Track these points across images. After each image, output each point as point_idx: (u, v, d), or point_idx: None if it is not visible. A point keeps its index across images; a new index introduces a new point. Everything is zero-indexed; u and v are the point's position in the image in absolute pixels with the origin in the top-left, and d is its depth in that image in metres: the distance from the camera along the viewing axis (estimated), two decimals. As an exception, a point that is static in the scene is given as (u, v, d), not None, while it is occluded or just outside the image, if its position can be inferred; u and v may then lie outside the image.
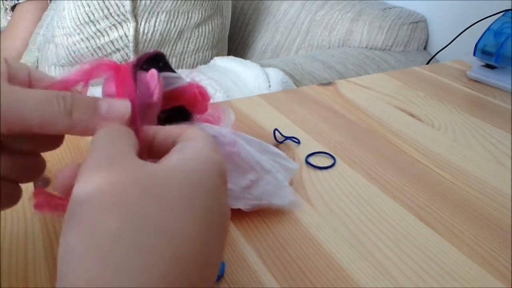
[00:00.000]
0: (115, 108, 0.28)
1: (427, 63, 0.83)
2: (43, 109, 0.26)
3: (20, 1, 1.26)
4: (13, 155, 0.28)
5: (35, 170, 0.30)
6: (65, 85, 0.28)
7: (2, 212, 0.36)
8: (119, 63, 0.30)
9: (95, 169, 0.23)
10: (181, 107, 0.33)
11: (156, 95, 0.29)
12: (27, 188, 0.39)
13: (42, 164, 0.30)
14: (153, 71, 0.30)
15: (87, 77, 0.29)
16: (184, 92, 0.32)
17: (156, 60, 0.31)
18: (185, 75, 0.34)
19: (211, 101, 0.36)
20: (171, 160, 0.24)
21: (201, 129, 0.27)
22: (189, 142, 0.25)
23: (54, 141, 0.30)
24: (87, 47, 1.00)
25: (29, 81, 0.29)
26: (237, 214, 0.37)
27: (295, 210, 0.37)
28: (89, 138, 0.28)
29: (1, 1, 1.31)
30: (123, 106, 0.28)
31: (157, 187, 0.22)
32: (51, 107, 0.26)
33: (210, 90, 0.65)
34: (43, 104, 0.26)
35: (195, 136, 0.26)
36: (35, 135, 0.26)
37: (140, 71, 0.30)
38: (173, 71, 0.33)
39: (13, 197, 0.29)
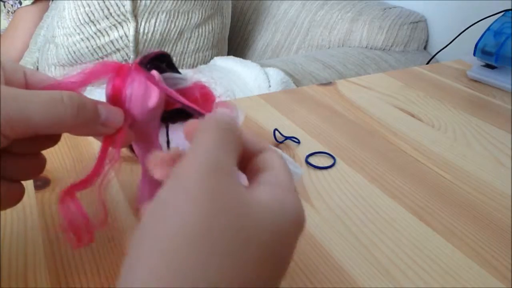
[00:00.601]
0: (112, 115, 0.28)
1: (427, 63, 0.83)
2: (50, 110, 0.25)
3: (22, 6, 1.26)
4: (14, 155, 0.28)
5: (36, 168, 0.30)
6: (65, 87, 0.28)
7: (2, 212, 0.36)
8: (120, 63, 0.30)
9: (192, 177, 0.21)
10: (182, 108, 0.33)
11: (155, 99, 0.29)
12: (28, 188, 0.39)
13: (42, 162, 0.30)
14: (154, 73, 0.30)
15: (89, 79, 0.29)
16: (185, 94, 0.32)
17: (160, 60, 0.31)
18: (190, 76, 0.33)
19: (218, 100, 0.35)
20: (262, 194, 0.23)
21: (278, 156, 0.26)
22: (277, 178, 0.24)
23: (53, 139, 0.30)
24: (87, 47, 1.00)
25: (25, 83, 0.28)
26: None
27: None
28: (89, 138, 0.28)
29: (2, 4, 1.31)
30: (118, 115, 0.29)
31: (247, 230, 0.21)
32: (57, 107, 0.26)
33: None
34: (50, 105, 0.25)
35: (276, 165, 0.25)
36: (38, 136, 0.26)
37: (143, 71, 0.30)
38: (177, 71, 0.33)
39: (16, 196, 0.29)
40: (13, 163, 0.28)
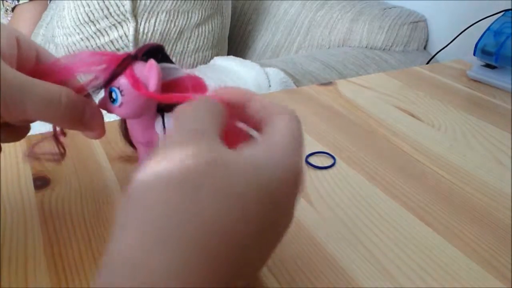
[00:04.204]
0: (95, 118, 0.31)
1: (427, 63, 0.83)
2: (45, 106, 0.27)
3: (20, 2, 1.26)
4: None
5: (19, 134, 0.32)
6: (67, 73, 0.30)
7: (2, 212, 0.36)
8: (118, 54, 0.31)
9: (170, 150, 0.22)
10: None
11: (154, 86, 0.30)
12: (28, 188, 0.39)
13: (26, 129, 0.32)
14: (152, 62, 0.30)
15: (88, 67, 0.30)
16: (178, 84, 0.33)
17: (155, 52, 0.32)
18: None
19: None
20: (247, 151, 0.23)
21: (285, 120, 0.27)
22: (275, 137, 0.25)
23: None
24: (87, 47, 1.00)
25: (36, 61, 0.30)
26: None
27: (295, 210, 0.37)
28: (89, 140, 0.29)
29: (1, 2, 1.31)
30: (99, 118, 0.31)
31: (222, 181, 0.21)
32: (53, 105, 0.28)
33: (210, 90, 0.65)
34: (46, 102, 0.27)
35: (276, 128, 0.26)
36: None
37: (140, 62, 0.31)
38: (171, 62, 0.33)
39: None
40: None
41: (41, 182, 0.40)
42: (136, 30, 0.99)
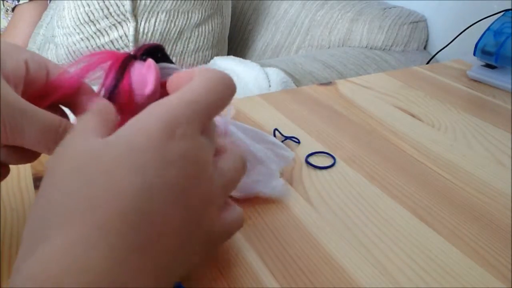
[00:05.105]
0: None
1: (427, 63, 0.83)
2: (43, 135, 0.28)
3: (20, 3, 1.26)
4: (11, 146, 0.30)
5: (30, 157, 0.32)
6: (75, 82, 0.30)
7: (2, 211, 0.36)
8: (117, 52, 0.31)
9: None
10: None
11: (152, 86, 0.30)
12: (28, 188, 0.39)
13: (37, 153, 0.32)
14: (150, 62, 0.30)
15: (89, 70, 0.30)
16: None
17: (155, 52, 0.32)
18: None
19: None
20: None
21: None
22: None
23: None
24: (87, 47, 1.00)
25: (46, 79, 0.30)
26: (237, 214, 0.37)
27: (295, 210, 0.37)
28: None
29: (2, 2, 1.31)
30: None
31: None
32: (50, 133, 0.28)
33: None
34: (44, 132, 0.28)
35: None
36: None
37: (139, 61, 0.31)
38: (171, 62, 0.33)
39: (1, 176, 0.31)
40: (7, 151, 0.30)
41: (40, 183, 0.40)
42: (136, 30, 0.99)
